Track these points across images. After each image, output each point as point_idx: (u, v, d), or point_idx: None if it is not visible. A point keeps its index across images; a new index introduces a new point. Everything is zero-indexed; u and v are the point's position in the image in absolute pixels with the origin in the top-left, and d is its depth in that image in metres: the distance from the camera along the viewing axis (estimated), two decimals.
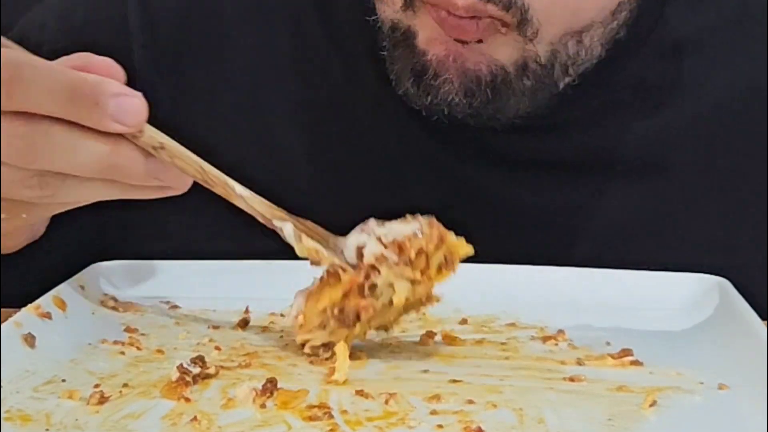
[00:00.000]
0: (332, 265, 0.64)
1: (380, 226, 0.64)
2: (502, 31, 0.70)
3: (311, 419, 0.56)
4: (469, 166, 0.82)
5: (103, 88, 0.60)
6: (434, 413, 0.57)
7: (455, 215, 0.81)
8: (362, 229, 0.65)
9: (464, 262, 0.77)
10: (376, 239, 0.64)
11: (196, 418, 0.56)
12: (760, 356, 0.60)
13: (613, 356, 0.65)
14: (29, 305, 0.67)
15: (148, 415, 0.57)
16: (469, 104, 0.72)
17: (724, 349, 0.65)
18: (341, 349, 0.62)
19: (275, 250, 0.68)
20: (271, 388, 0.58)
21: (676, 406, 0.58)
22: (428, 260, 0.64)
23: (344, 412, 0.57)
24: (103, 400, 0.58)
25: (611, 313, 0.73)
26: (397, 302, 0.64)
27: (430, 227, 0.64)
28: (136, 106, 0.61)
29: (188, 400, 0.58)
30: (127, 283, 0.76)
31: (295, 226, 0.65)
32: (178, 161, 0.63)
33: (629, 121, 0.82)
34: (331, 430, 0.55)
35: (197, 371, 0.61)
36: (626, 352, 0.65)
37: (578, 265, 0.77)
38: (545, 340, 0.68)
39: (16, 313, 0.65)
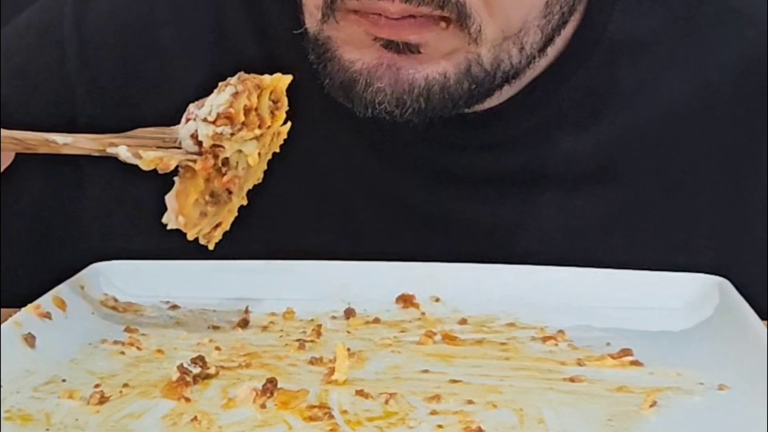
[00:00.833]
0: (180, 162, 0.65)
1: (199, 107, 0.65)
2: (441, 26, 0.69)
3: (311, 419, 0.56)
4: (414, 183, 0.81)
5: None
6: (434, 413, 0.57)
7: (399, 232, 0.82)
8: (186, 118, 0.65)
9: (464, 262, 0.77)
10: (203, 122, 0.64)
11: (196, 418, 0.56)
12: (760, 356, 0.60)
13: (613, 356, 0.65)
14: (29, 305, 0.67)
15: (148, 415, 0.57)
16: (401, 114, 0.71)
17: (724, 349, 0.65)
18: (341, 349, 0.62)
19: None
20: (271, 388, 0.58)
21: (676, 406, 0.58)
22: (258, 111, 0.65)
23: (344, 412, 0.57)
24: (103, 400, 0.58)
25: (611, 313, 0.72)
26: (252, 162, 0.66)
27: (242, 83, 0.65)
28: None
29: (188, 400, 0.58)
30: (127, 283, 0.76)
31: (128, 146, 0.65)
32: None
33: (579, 130, 0.81)
34: (331, 430, 0.55)
35: (197, 371, 0.61)
36: (626, 352, 0.65)
37: None
38: (545, 340, 0.68)
39: (16, 313, 0.65)
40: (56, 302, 0.69)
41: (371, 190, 0.81)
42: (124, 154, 0.65)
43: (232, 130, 0.64)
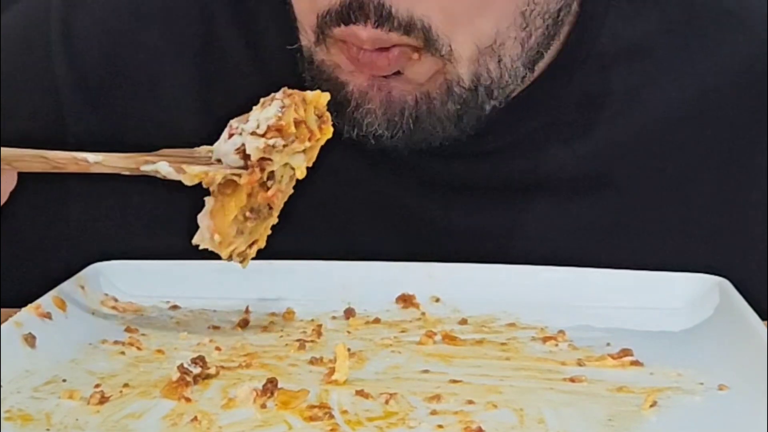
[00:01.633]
0: (225, 176, 0.64)
1: (244, 122, 0.64)
2: (414, 57, 0.69)
3: (311, 419, 0.56)
4: (409, 191, 0.81)
5: None
6: (434, 413, 0.57)
7: (394, 239, 0.81)
8: (229, 133, 0.65)
9: (464, 262, 0.77)
10: (250, 135, 0.64)
11: (196, 418, 0.56)
12: (760, 356, 0.60)
13: (613, 357, 0.65)
14: (29, 305, 0.67)
15: (148, 415, 0.57)
16: (390, 136, 0.71)
17: (724, 349, 0.65)
18: (341, 349, 0.62)
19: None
20: (271, 388, 0.58)
21: (676, 406, 0.58)
22: (306, 125, 0.64)
23: (344, 412, 0.57)
24: (103, 400, 0.58)
25: (611, 313, 0.73)
26: (300, 175, 0.65)
27: (288, 97, 0.64)
28: None
29: (189, 400, 0.58)
30: (127, 283, 0.76)
31: (168, 162, 0.65)
32: (17, 163, 0.63)
33: (575, 137, 0.80)
34: (331, 430, 0.55)
35: (198, 371, 0.61)
36: (626, 352, 0.65)
37: None
38: (545, 340, 0.68)
39: (16, 313, 0.65)
40: (56, 302, 0.69)
41: (366, 197, 0.81)
42: (165, 169, 0.64)
43: (285, 141, 0.63)
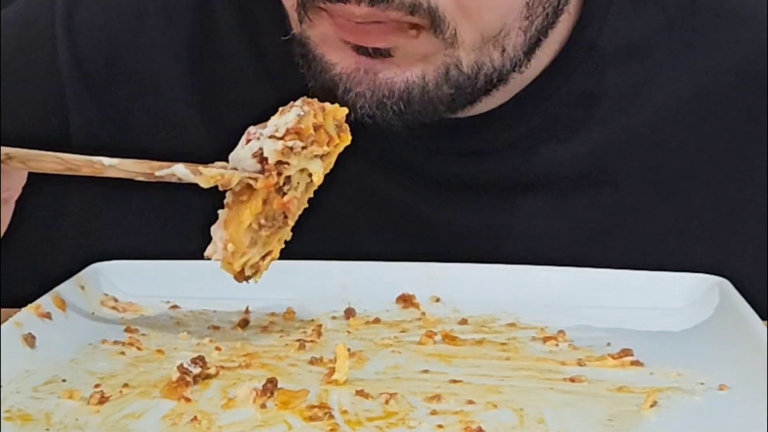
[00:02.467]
0: (241, 180, 0.64)
1: (263, 128, 0.64)
2: (411, 33, 0.68)
3: (311, 419, 0.56)
4: (404, 189, 0.81)
5: None
6: (434, 413, 0.57)
7: (389, 238, 0.81)
8: (247, 139, 0.64)
9: (463, 263, 0.77)
10: (269, 138, 0.63)
11: (196, 418, 0.56)
12: (760, 356, 0.60)
13: (613, 356, 0.65)
14: (29, 305, 0.67)
15: (148, 415, 0.57)
16: (382, 117, 0.71)
17: (724, 349, 0.65)
18: (341, 349, 0.62)
19: None
20: (271, 388, 0.58)
21: (676, 406, 0.58)
22: (325, 130, 0.64)
23: (344, 412, 0.57)
24: (103, 400, 0.58)
25: (611, 313, 0.72)
26: (318, 180, 0.65)
27: (308, 104, 0.64)
28: None
29: (188, 400, 0.58)
30: (127, 283, 0.76)
31: (184, 164, 0.64)
32: (31, 163, 0.63)
33: (573, 135, 0.80)
34: (331, 430, 0.55)
35: (197, 371, 0.61)
36: (626, 352, 0.65)
37: None
38: (546, 340, 0.68)
39: (16, 313, 0.65)
40: (56, 302, 0.69)
41: (361, 196, 0.81)
42: (181, 171, 0.64)
43: (303, 143, 0.63)
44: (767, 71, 0.81)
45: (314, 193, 0.77)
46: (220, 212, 0.65)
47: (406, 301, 0.75)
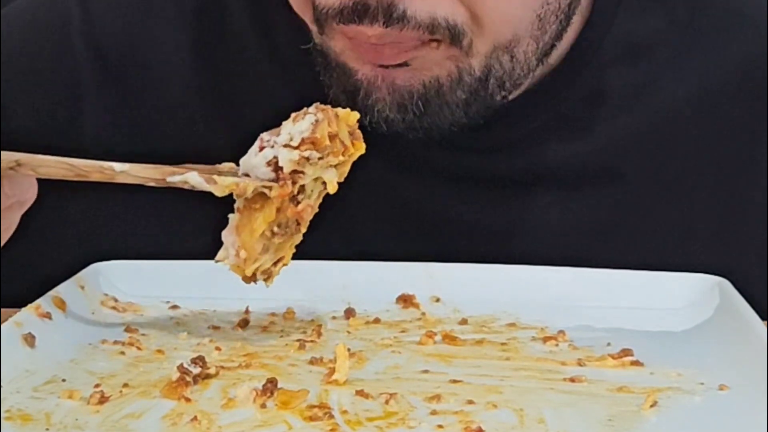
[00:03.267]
0: (255, 188, 0.64)
1: (276, 135, 0.64)
2: (431, 45, 0.69)
3: (311, 419, 0.56)
4: (415, 184, 0.81)
5: None
6: (434, 413, 0.57)
7: (398, 233, 0.81)
8: (260, 146, 0.64)
9: (463, 263, 0.77)
10: (284, 147, 0.63)
11: (196, 418, 0.56)
12: (760, 356, 0.60)
13: (613, 357, 0.65)
14: (29, 305, 0.67)
15: (148, 415, 0.57)
16: (402, 119, 0.71)
17: (724, 349, 0.65)
18: (341, 349, 0.62)
19: None
20: (271, 388, 0.58)
21: (676, 406, 0.58)
22: (340, 139, 0.64)
23: (344, 412, 0.57)
24: (103, 400, 0.58)
25: (612, 313, 0.73)
26: (332, 189, 0.65)
27: (322, 111, 0.64)
28: None
29: (188, 400, 0.58)
30: (127, 283, 0.76)
31: (198, 172, 0.64)
32: (41, 170, 0.63)
33: (581, 133, 0.81)
34: (331, 430, 0.55)
35: (197, 371, 0.61)
36: (627, 352, 0.65)
37: None
38: (546, 340, 0.68)
39: (16, 313, 0.65)
40: (56, 302, 0.69)
41: (371, 191, 0.81)
42: (195, 179, 0.63)
43: (320, 154, 0.63)
44: None
45: None
46: (230, 216, 0.65)
47: (406, 301, 0.75)
